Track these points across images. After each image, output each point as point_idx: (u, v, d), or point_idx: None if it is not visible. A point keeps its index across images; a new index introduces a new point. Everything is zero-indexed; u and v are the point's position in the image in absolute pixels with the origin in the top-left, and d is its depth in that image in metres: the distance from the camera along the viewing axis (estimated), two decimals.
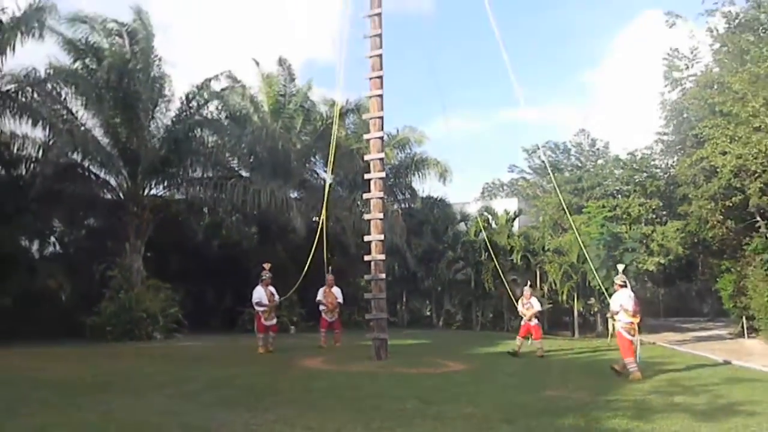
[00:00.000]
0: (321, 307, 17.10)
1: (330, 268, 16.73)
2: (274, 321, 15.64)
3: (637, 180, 30.96)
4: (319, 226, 15.88)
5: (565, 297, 29.13)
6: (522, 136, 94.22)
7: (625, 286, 12.68)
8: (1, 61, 18.49)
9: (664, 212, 31.20)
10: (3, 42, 18.03)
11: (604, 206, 27.34)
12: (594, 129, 39.00)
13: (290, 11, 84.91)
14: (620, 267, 13.32)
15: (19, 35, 18.11)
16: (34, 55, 18.47)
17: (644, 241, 25.92)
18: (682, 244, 27.15)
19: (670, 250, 26.88)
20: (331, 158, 16.76)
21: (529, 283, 18.76)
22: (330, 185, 16.13)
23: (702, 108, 25.76)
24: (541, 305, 18.97)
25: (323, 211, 16.05)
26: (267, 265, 15.60)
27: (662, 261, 26.57)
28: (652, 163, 32.39)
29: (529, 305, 16.94)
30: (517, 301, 17.76)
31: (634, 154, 32.02)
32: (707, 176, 26.09)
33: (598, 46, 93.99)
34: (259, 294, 15.38)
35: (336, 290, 17.15)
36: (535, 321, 16.96)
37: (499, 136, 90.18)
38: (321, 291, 17.08)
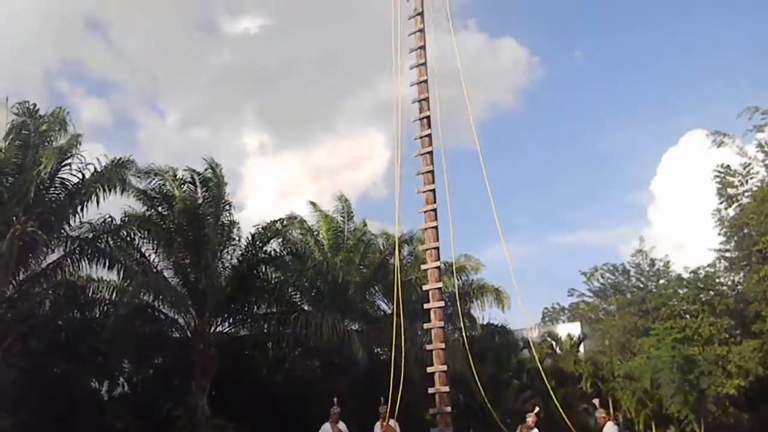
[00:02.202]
0: None
1: (382, 399, 15.23)
2: None
3: (703, 299, 29.99)
4: (392, 360, 15.28)
5: (642, 426, 27.50)
6: (578, 258, 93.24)
7: (610, 419, 11.96)
8: (83, 212, 19.92)
9: (738, 331, 29.81)
10: (85, 195, 19.50)
11: (672, 327, 26.41)
12: (651, 249, 38.55)
13: (344, 149, 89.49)
14: (596, 401, 12.68)
15: (100, 189, 19.62)
16: (111, 203, 19.90)
17: (720, 363, 24.66)
18: (761, 363, 25.68)
19: (750, 371, 25.41)
20: (396, 293, 16.76)
21: (536, 408, 16.34)
22: (395, 317, 16.12)
23: (763, 222, 25.43)
24: None
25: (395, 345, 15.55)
26: (336, 400, 14.94)
27: (742, 383, 25.08)
28: (718, 280, 31.45)
29: None
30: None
31: (697, 272, 31.23)
32: None
33: (645, 168, 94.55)
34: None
35: (393, 423, 15.47)
36: None
37: (555, 260, 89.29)
38: (377, 426, 15.50)
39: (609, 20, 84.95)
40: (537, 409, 16.11)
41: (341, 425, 14.78)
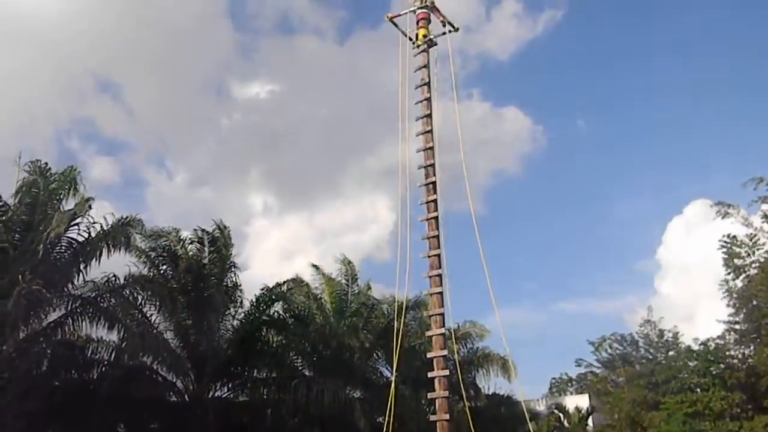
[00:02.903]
0: None
1: None
2: None
3: (714, 372, 29.35)
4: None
5: None
6: (584, 326, 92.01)
7: None
8: (86, 271, 19.86)
9: (749, 406, 29.04)
10: (90, 254, 19.50)
11: (683, 401, 25.77)
12: (660, 319, 38.22)
13: (349, 212, 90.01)
14: None
15: (105, 248, 19.63)
16: (115, 261, 19.87)
17: None
18: None
19: None
20: (395, 358, 16.60)
21: None
22: (395, 383, 15.78)
23: None
24: None
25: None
26: None
27: None
28: (728, 353, 30.87)
29: None
30: None
31: (707, 345, 30.71)
32: None
33: (651, 236, 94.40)
34: None
35: None
36: None
37: (561, 328, 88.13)
38: None
39: (610, 90, 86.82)
40: None
41: None
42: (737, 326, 30.90)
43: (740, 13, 76.21)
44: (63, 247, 19.17)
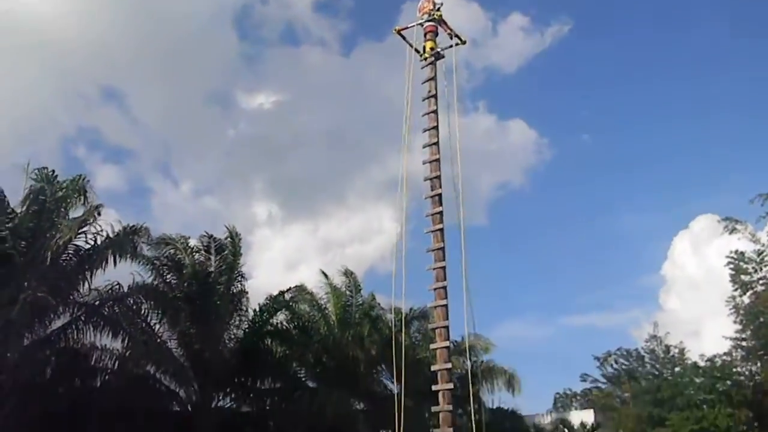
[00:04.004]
0: None
1: None
2: None
3: (720, 389, 29.07)
4: None
5: None
6: (589, 341, 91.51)
7: None
8: (91, 279, 19.88)
9: (756, 423, 28.75)
10: (96, 262, 19.51)
11: (688, 418, 25.49)
12: (666, 335, 38.11)
13: (353, 223, 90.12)
14: None
15: (111, 256, 19.64)
16: (119, 269, 19.87)
17: None
18: None
19: None
20: (401, 371, 16.44)
21: None
22: (398, 396, 15.67)
23: None
24: None
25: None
26: None
27: None
28: (735, 370, 30.59)
29: None
30: None
31: (713, 361, 30.45)
32: None
33: (656, 251, 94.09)
34: None
35: None
36: None
37: (566, 342, 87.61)
38: None
39: (617, 105, 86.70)
40: None
41: None
42: (744, 343, 30.65)
43: (752, 29, 76.27)
44: (69, 255, 19.22)
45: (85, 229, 19.01)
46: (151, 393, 21.49)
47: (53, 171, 19.67)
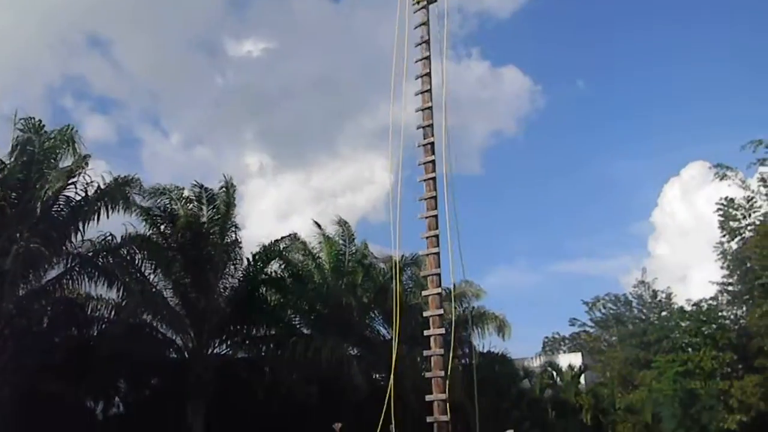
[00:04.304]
0: None
1: (392, 427, 14.29)
2: None
3: (706, 332, 29.77)
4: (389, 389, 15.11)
5: None
6: (578, 287, 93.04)
7: None
8: (84, 230, 19.84)
9: (740, 366, 29.55)
10: (88, 213, 19.46)
11: (674, 360, 26.15)
12: (653, 280, 38.71)
13: (345, 172, 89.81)
14: None
15: (103, 208, 19.59)
16: (113, 220, 19.81)
17: (722, 398, 24.37)
18: (763, 399, 25.39)
19: (752, 407, 25.11)
20: (396, 321, 16.63)
21: None
22: (392, 340, 15.90)
23: (765, 257, 25.37)
24: None
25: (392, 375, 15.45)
26: (338, 426, 14.20)
27: (744, 418, 24.78)
28: (720, 314, 31.27)
29: None
30: None
31: (700, 305, 31.09)
32: None
33: (646, 198, 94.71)
34: None
35: None
36: None
37: (556, 288, 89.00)
38: None
39: (612, 52, 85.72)
40: None
41: None
42: (730, 288, 31.25)
43: None
44: (60, 206, 19.16)
45: (74, 179, 18.88)
46: (148, 341, 21.84)
47: (40, 121, 19.38)
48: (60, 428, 18.41)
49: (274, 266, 24.75)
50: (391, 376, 15.29)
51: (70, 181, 18.77)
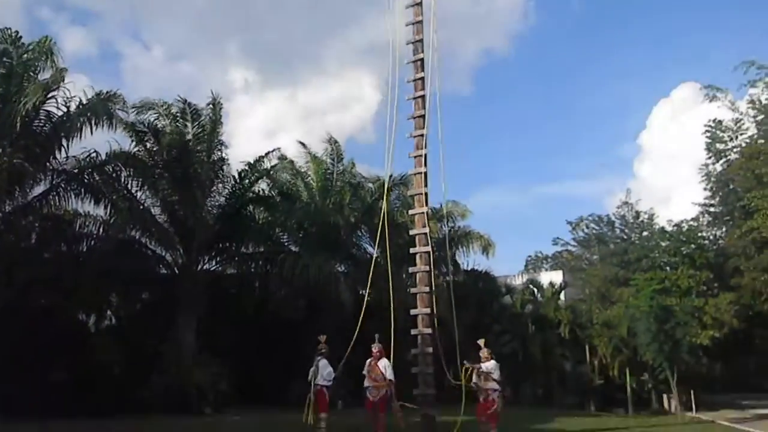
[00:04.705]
0: (365, 384, 13.87)
1: (378, 336, 13.96)
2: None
3: (684, 252, 30.48)
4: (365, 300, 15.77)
5: (616, 372, 28.38)
6: (563, 208, 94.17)
7: (492, 358, 13.24)
8: (69, 146, 19.57)
9: (716, 284, 30.47)
10: (70, 128, 19.12)
11: (652, 278, 26.84)
12: (637, 201, 39.19)
13: (332, 89, 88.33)
14: (481, 341, 13.50)
15: (86, 123, 19.21)
16: (98, 136, 19.51)
17: (696, 314, 25.26)
18: (736, 316, 26.37)
19: (725, 323, 26.10)
20: (384, 237, 16.76)
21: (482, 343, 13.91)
22: (376, 259, 16.24)
23: (748, 179, 25.67)
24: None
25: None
26: (323, 338, 13.93)
27: (717, 334, 25.78)
28: (700, 234, 31.93)
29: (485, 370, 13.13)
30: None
31: (680, 226, 31.68)
32: (759, 247, 25.65)
33: (635, 119, 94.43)
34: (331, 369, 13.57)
35: (384, 363, 13.55)
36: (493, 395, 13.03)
37: (541, 209, 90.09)
38: (367, 363, 13.86)
39: None
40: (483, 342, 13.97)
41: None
42: (711, 209, 31.81)
43: None
44: (42, 121, 18.81)
45: (54, 93, 18.46)
46: (137, 257, 22.06)
47: (17, 32, 18.75)
48: (53, 340, 18.83)
49: (262, 185, 24.83)
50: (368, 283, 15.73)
51: (49, 95, 18.35)
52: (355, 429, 12.75)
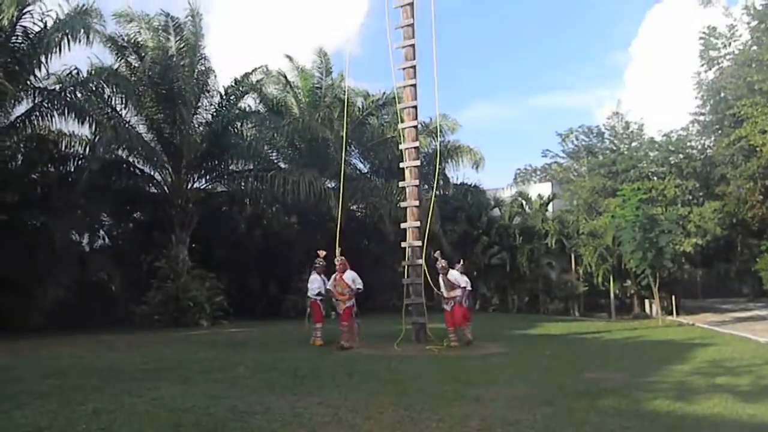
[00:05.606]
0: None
1: (341, 250, 13.73)
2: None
3: (672, 161, 30.69)
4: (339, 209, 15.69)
5: (600, 279, 29.24)
6: (554, 120, 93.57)
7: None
8: (48, 63, 19.04)
9: (701, 193, 30.92)
10: (48, 45, 18.53)
11: (639, 189, 27.10)
12: (627, 112, 38.79)
13: (317, 4, 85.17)
14: (437, 253, 14.19)
15: (64, 39, 18.60)
16: (78, 53, 18.97)
17: (681, 223, 25.74)
18: (720, 224, 26.95)
19: (708, 231, 26.69)
20: (344, 129, 16.57)
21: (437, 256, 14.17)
22: (346, 161, 15.91)
23: (740, 87, 25.55)
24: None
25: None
26: (321, 253, 14.40)
27: (699, 242, 26.43)
28: (688, 144, 32.05)
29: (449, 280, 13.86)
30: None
31: (670, 136, 31.72)
32: (746, 156, 25.87)
33: (627, 27, 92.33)
34: (319, 282, 14.10)
35: (349, 275, 13.50)
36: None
37: (532, 122, 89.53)
38: (332, 279, 13.79)
39: None
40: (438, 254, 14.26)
41: (323, 278, 14.20)
42: (702, 117, 31.74)
43: None
44: (18, 37, 18.17)
45: (30, 8, 17.76)
46: (126, 176, 22.03)
47: None
48: (48, 259, 19.04)
49: (249, 101, 24.45)
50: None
51: (24, 10, 17.67)
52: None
